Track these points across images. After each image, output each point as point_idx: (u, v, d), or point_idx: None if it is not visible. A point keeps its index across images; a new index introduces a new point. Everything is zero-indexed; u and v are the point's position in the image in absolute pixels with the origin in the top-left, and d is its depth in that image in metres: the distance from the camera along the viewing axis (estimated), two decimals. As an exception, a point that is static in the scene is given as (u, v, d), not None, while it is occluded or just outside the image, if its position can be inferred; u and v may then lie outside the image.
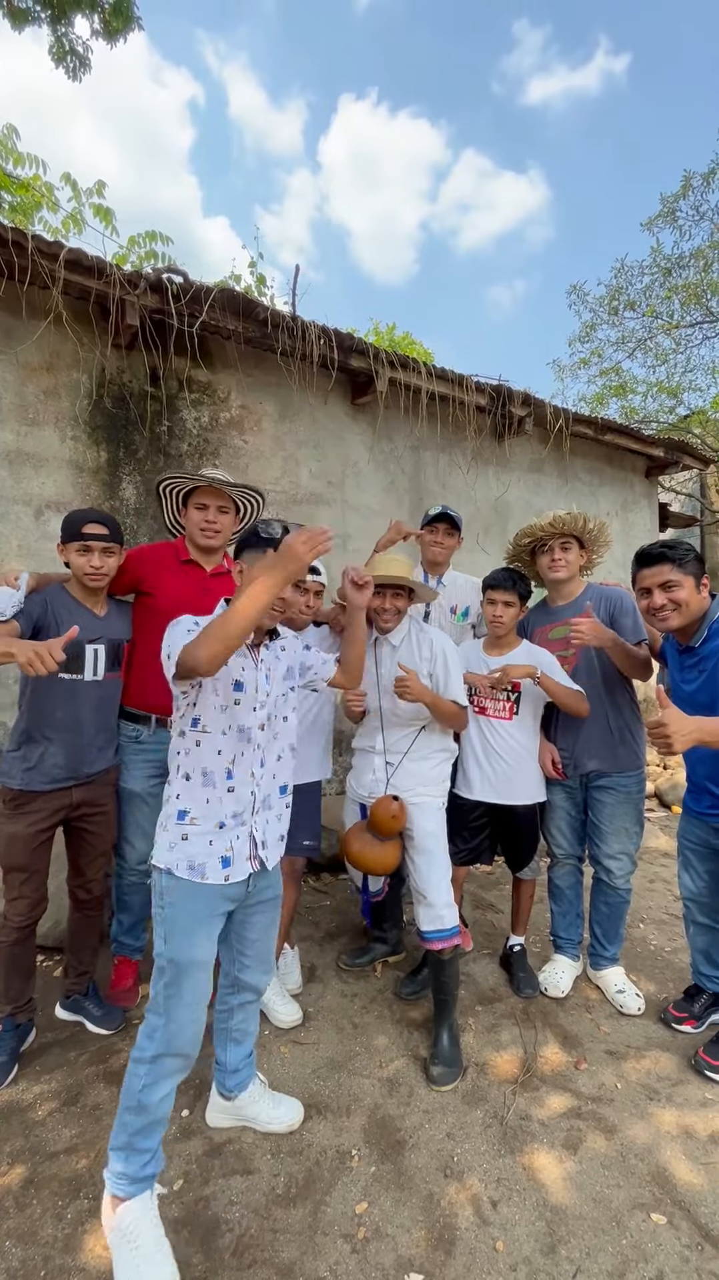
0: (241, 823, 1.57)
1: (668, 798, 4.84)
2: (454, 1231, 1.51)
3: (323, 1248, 1.46)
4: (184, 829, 1.51)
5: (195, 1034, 1.49)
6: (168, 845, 1.51)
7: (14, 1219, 1.52)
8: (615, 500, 5.86)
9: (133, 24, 5.04)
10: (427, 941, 2.07)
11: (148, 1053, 1.46)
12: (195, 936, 1.48)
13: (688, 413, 11.86)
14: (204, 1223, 1.52)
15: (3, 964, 1.99)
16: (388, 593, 2.18)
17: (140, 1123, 1.45)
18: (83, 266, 2.91)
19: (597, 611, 2.35)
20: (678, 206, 10.87)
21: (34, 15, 4.96)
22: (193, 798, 1.53)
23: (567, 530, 2.38)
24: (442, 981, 2.10)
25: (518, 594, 2.34)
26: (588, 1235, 1.50)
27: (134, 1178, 1.43)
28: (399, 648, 2.26)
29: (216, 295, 3.23)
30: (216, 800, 1.53)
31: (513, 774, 2.38)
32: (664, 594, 1.90)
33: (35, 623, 1.93)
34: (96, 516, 2.00)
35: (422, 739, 2.25)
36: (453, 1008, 2.11)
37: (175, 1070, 1.49)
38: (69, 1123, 1.81)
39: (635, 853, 2.41)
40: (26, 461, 3.12)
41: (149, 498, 3.48)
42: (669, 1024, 2.23)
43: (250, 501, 2.36)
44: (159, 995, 1.48)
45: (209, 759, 1.53)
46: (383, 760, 2.25)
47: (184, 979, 1.47)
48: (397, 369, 3.91)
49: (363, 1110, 1.86)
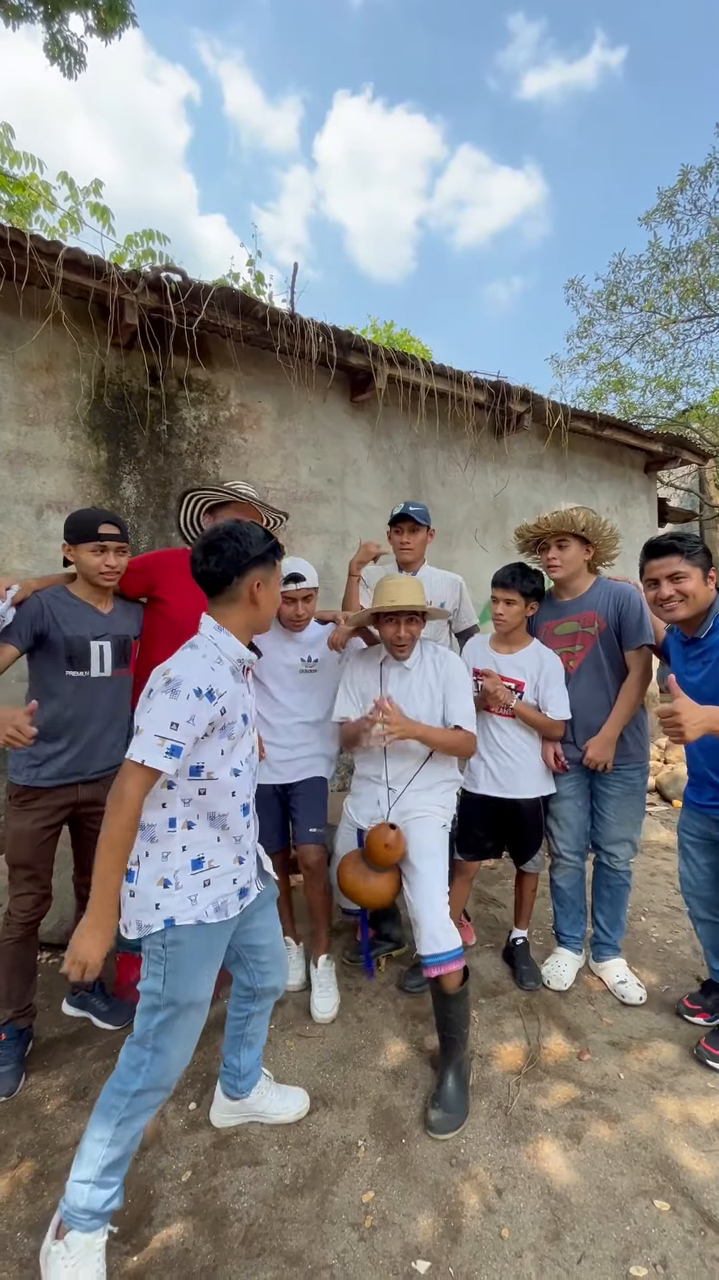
0: (248, 850, 1.55)
1: (668, 791, 4.86)
2: (460, 1219, 1.52)
3: (330, 1236, 1.48)
4: (205, 875, 1.42)
5: (183, 1068, 1.44)
6: (188, 900, 1.38)
7: (25, 1210, 1.54)
8: (615, 496, 5.87)
9: (128, 21, 5.04)
10: (425, 968, 1.86)
11: (132, 1087, 1.37)
12: (199, 977, 1.41)
13: (686, 408, 11.85)
14: (213, 1213, 1.54)
15: (6, 963, 1.98)
16: (402, 620, 2.10)
17: (114, 1154, 1.36)
18: (81, 266, 2.91)
19: (605, 610, 2.35)
20: (675, 201, 10.85)
21: (28, 12, 4.96)
22: (204, 843, 1.43)
23: (554, 529, 2.36)
24: (447, 1017, 1.87)
25: (520, 591, 2.32)
26: (592, 1222, 1.52)
27: (96, 1213, 1.33)
28: (411, 670, 2.20)
29: (215, 294, 3.23)
30: (232, 840, 1.47)
31: (516, 768, 2.39)
32: (672, 585, 1.91)
33: (36, 630, 1.94)
34: (108, 517, 2.01)
35: (426, 769, 2.19)
36: (461, 1047, 1.88)
37: (155, 1104, 1.42)
38: (78, 1117, 1.82)
39: (637, 839, 2.45)
40: (27, 461, 3.13)
41: (149, 497, 3.49)
42: (683, 1015, 2.25)
43: (277, 520, 2.43)
44: (150, 1031, 1.39)
45: (218, 801, 1.44)
46: (385, 790, 2.18)
47: (181, 1018, 1.40)
48: (395, 366, 3.92)
49: (368, 1102, 1.88)
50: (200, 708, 1.32)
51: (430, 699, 2.18)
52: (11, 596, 1.90)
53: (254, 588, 1.46)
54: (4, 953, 1.98)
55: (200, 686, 1.33)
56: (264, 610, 1.51)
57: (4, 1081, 1.90)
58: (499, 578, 2.35)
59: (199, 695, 1.32)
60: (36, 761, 1.97)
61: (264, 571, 1.48)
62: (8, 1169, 1.66)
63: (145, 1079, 1.38)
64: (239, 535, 1.46)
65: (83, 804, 2.05)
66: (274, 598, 1.52)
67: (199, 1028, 1.47)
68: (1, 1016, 1.98)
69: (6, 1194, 1.59)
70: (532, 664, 2.38)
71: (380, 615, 2.12)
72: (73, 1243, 1.31)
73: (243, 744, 1.49)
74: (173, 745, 1.29)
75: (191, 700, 1.31)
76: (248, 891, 1.53)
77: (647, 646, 2.33)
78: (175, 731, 1.29)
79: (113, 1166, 1.36)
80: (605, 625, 2.35)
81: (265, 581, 1.48)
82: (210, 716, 1.34)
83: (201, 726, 1.33)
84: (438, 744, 2.09)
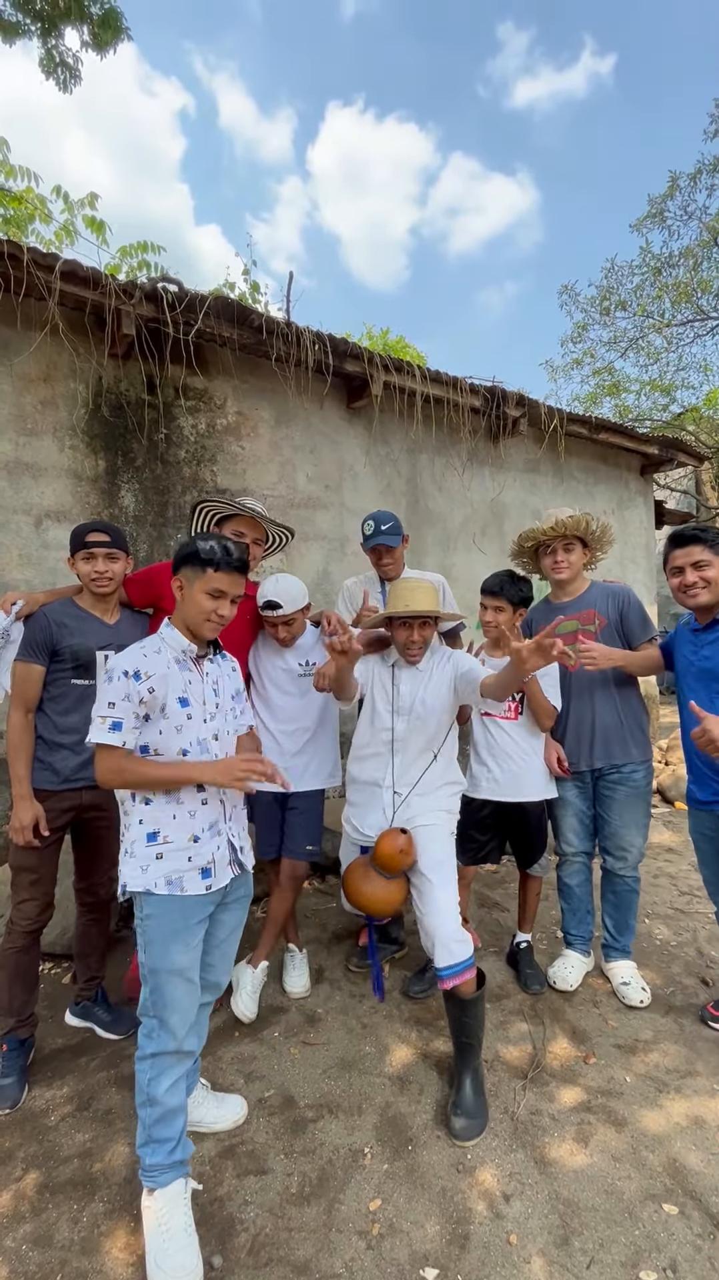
0: (218, 832, 1.60)
1: (671, 793, 4.86)
2: (468, 1226, 1.51)
3: (338, 1245, 1.47)
4: (156, 849, 1.52)
5: (186, 1033, 1.53)
6: (139, 869, 1.51)
7: (30, 1223, 1.53)
8: (611, 499, 5.90)
9: (122, 35, 5.09)
10: (442, 979, 1.84)
11: (147, 1050, 1.52)
12: (172, 947, 1.51)
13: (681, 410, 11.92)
14: (219, 1223, 1.53)
15: (8, 973, 1.98)
16: (414, 624, 2.10)
17: (155, 1114, 1.49)
18: (78, 277, 2.94)
19: (605, 609, 2.39)
20: (666, 207, 10.96)
21: (24, 28, 5.01)
22: (158, 818, 1.54)
23: (569, 533, 2.40)
24: (463, 1023, 1.87)
25: (508, 599, 2.35)
26: (601, 1227, 1.51)
27: (161, 1167, 1.48)
28: (423, 672, 2.20)
29: (211, 303, 3.26)
30: (186, 815, 1.55)
31: (519, 772, 2.39)
32: (696, 572, 2.05)
33: (44, 642, 1.99)
34: (98, 526, 2.08)
35: (432, 771, 2.18)
36: (477, 1052, 1.89)
37: (175, 1064, 1.52)
38: (81, 1127, 1.81)
39: (643, 844, 2.44)
40: (25, 471, 3.14)
41: (148, 506, 3.51)
42: (707, 1023, 2.22)
43: (282, 536, 2.50)
44: (147, 1000, 1.53)
45: None
46: (390, 794, 2.16)
47: (165, 986, 1.50)
48: (391, 372, 3.94)
49: (374, 1109, 1.87)
50: (130, 687, 1.47)
51: (440, 695, 2.17)
52: (16, 611, 1.94)
53: (176, 586, 1.61)
54: (6, 962, 1.98)
55: (128, 669, 1.49)
56: (186, 609, 1.59)
57: (8, 1093, 1.89)
58: (488, 585, 2.38)
59: (127, 676, 1.48)
60: (43, 765, 2.00)
61: (188, 572, 1.58)
62: (12, 1181, 1.65)
63: (156, 1044, 1.51)
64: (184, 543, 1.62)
65: (86, 808, 2.07)
66: (194, 601, 1.56)
67: (188, 996, 1.53)
68: (3, 1026, 1.97)
69: (11, 1207, 1.57)
70: None
71: (393, 619, 2.12)
72: (158, 1197, 1.47)
73: (190, 728, 1.57)
74: (114, 721, 1.46)
75: (121, 681, 1.47)
76: (210, 872, 1.56)
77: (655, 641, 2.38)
78: (113, 710, 1.46)
79: (159, 1124, 1.49)
80: (606, 623, 2.38)
81: (188, 582, 1.58)
82: (140, 694, 1.48)
83: (134, 703, 1.48)
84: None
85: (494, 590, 2.36)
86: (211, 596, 1.56)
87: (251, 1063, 2.07)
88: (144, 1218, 1.46)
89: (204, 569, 1.56)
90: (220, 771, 1.52)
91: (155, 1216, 1.45)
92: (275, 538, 2.50)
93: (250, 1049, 2.13)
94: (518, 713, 2.41)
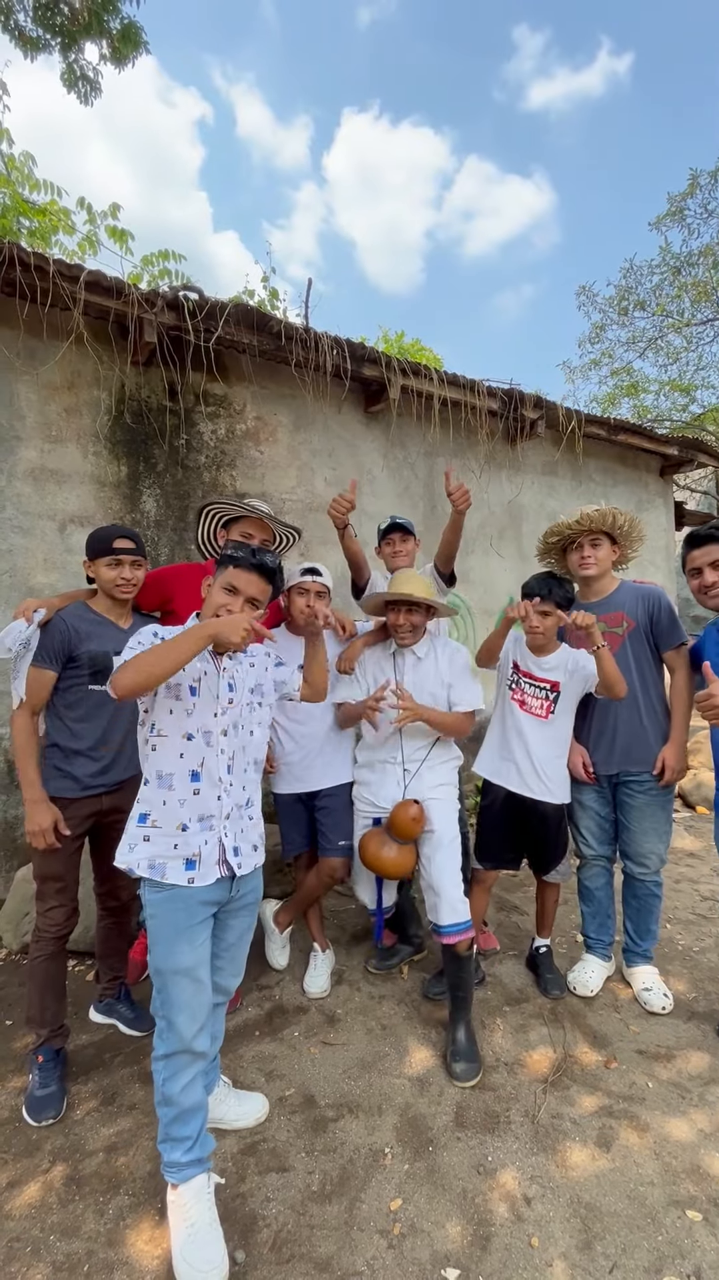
0: (209, 827, 1.58)
1: (692, 798, 4.80)
2: (489, 1228, 1.52)
3: (359, 1243, 1.48)
4: (145, 831, 1.55)
5: (195, 1034, 1.53)
6: (128, 846, 1.56)
7: (57, 1214, 1.56)
8: (630, 500, 5.85)
9: (141, 48, 5.17)
10: (443, 935, 2.09)
11: (160, 1051, 1.54)
12: (176, 945, 1.52)
13: (702, 410, 11.78)
14: (242, 1219, 1.55)
15: (38, 981, 1.98)
16: (402, 609, 2.27)
17: (171, 1113, 1.52)
18: (102, 287, 2.99)
19: (634, 611, 2.35)
20: (685, 205, 10.85)
21: (46, 43, 5.12)
22: (151, 801, 1.57)
23: (595, 528, 2.36)
24: (460, 978, 2.13)
25: (555, 603, 2.23)
26: (623, 1232, 1.50)
27: (180, 1163, 1.51)
28: (424, 660, 2.35)
29: (231, 310, 3.30)
30: (176, 802, 1.56)
31: (542, 772, 2.35)
32: (715, 572, 2.04)
33: (65, 652, 1.99)
34: (124, 532, 2.08)
35: (437, 748, 2.36)
36: (470, 1004, 2.15)
37: (188, 1064, 1.53)
38: (106, 1122, 1.85)
39: (665, 850, 2.39)
40: (50, 478, 3.21)
41: (169, 510, 3.56)
42: None
43: (289, 536, 2.52)
44: (156, 1000, 1.55)
45: (167, 762, 1.57)
46: (401, 769, 2.33)
47: (171, 986, 1.52)
48: (408, 376, 3.96)
49: (394, 1109, 1.88)
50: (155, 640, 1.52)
51: (438, 685, 2.33)
52: (39, 619, 1.95)
53: (208, 586, 1.68)
54: (36, 971, 1.98)
55: (158, 631, 1.58)
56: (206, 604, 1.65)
57: (50, 1102, 1.88)
58: (532, 588, 2.25)
59: (155, 636, 1.55)
60: (63, 773, 2.02)
61: (218, 570, 1.66)
62: (40, 1173, 1.68)
63: (168, 1044, 1.53)
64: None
65: (106, 812, 2.08)
66: (210, 595, 1.63)
67: (194, 998, 1.53)
68: (38, 1038, 1.97)
69: (39, 1198, 1.61)
70: (567, 664, 2.33)
71: (387, 603, 2.32)
72: (182, 1192, 1.50)
73: (198, 713, 1.59)
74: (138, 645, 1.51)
75: (149, 636, 1.55)
76: (194, 864, 1.54)
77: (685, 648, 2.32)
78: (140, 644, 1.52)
79: (175, 1123, 1.52)
80: (634, 625, 2.34)
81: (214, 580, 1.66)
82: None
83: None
84: (441, 725, 2.27)
85: (541, 593, 2.23)
86: (226, 591, 1.60)
87: (272, 1061, 2.09)
88: (169, 1212, 1.49)
89: (226, 566, 1.62)
90: (225, 624, 1.47)
91: (180, 1211, 1.47)
92: (282, 538, 2.51)
93: (271, 1048, 2.15)
94: (550, 712, 2.35)
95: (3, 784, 3.09)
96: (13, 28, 4.92)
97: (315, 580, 2.36)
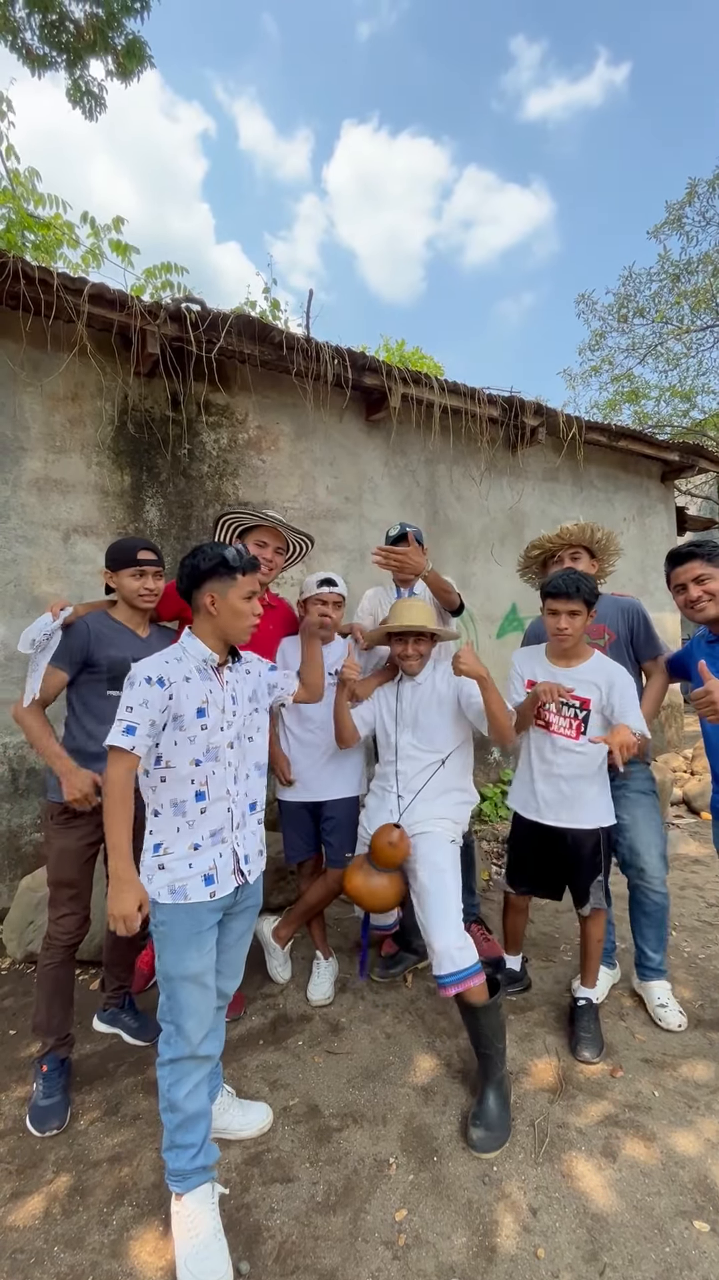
0: (222, 840, 1.59)
1: (697, 804, 4.78)
2: (494, 1239, 1.51)
3: (364, 1254, 1.47)
4: (159, 860, 1.55)
5: (202, 1038, 1.54)
6: (146, 877, 1.55)
7: (61, 1225, 1.56)
8: (632, 506, 5.86)
9: (145, 63, 5.24)
10: (444, 987, 1.84)
11: (166, 1056, 1.54)
12: (185, 953, 1.52)
13: (702, 416, 11.80)
14: (246, 1229, 1.54)
15: (46, 988, 1.98)
16: (409, 639, 2.23)
17: (176, 1120, 1.52)
18: (105, 300, 3.03)
19: (614, 624, 2.38)
20: (684, 213, 10.92)
21: (52, 60, 5.20)
22: (165, 830, 1.56)
23: (575, 541, 2.40)
24: (479, 1034, 1.87)
25: (584, 600, 2.07)
26: (630, 1243, 1.49)
27: (185, 1172, 1.50)
28: (422, 684, 2.29)
29: (233, 321, 3.33)
30: (188, 826, 1.56)
31: (574, 795, 2.16)
32: (698, 587, 2.03)
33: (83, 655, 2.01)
34: (146, 544, 2.12)
35: (438, 777, 2.20)
36: (500, 1063, 1.88)
37: (194, 1069, 1.54)
38: (110, 1132, 1.84)
39: (664, 847, 2.35)
40: (54, 488, 3.23)
41: (171, 520, 3.58)
42: None
43: (301, 545, 2.57)
44: (164, 1005, 1.55)
45: (178, 790, 1.56)
46: (395, 796, 2.23)
47: (179, 991, 1.52)
48: (409, 385, 3.99)
49: (399, 1119, 1.87)
50: (151, 693, 1.49)
51: (440, 708, 2.25)
52: (65, 617, 1.98)
53: (208, 601, 1.59)
54: (45, 978, 1.98)
55: (151, 675, 1.51)
56: (223, 619, 1.60)
57: (55, 1112, 1.86)
58: (559, 587, 2.08)
59: (149, 682, 1.50)
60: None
61: (218, 585, 1.59)
62: (44, 1184, 1.68)
63: (173, 1049, 1.53)
64: (196, 553, 1.61)
65: None
66: (233, 608, 1.59)
67: (202, 1003, 1.54)
68: (44, 1046, 1.96)
69: (43, 1209, 1.60)
70: (599, 677, 2.14)
71: (392, 634, 2.26)
72: (186, 1201, 1.49)
73: (203, 738, 1.57)
74: (128, 725, 1.46)
75: (143, 687, 1.49)
76: (213, 879, 1.56)
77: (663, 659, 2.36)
78: (130, 714, 1.47)
79: (180, 1130, 1.52)
80: (615, 637, 2.38)
81: (220, 594, 1.59)
82: (161, 702, 1.50)
83: (154, 710, 1.49)
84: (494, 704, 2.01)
85: (569, 592, 2.06)
86: (248, 600, 1.60)
87: (276, 1071, 2.08)
88: (173, 1222, 1.48)
89: (234, 575, 1.60)
90: (112, 895, 1.46)
91: (184, 1221, 1.46)
92: (296, 546, 2.56)
93: (274, 1057, 2.14)
94: (580, 732, 2.14)
95: (6, 792, 3.10)
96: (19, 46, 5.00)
97: (332, 591, 2.41)
